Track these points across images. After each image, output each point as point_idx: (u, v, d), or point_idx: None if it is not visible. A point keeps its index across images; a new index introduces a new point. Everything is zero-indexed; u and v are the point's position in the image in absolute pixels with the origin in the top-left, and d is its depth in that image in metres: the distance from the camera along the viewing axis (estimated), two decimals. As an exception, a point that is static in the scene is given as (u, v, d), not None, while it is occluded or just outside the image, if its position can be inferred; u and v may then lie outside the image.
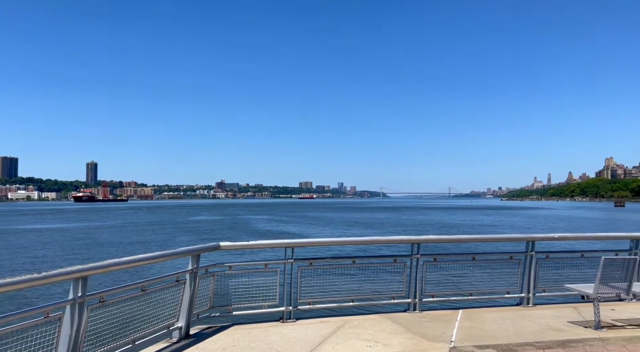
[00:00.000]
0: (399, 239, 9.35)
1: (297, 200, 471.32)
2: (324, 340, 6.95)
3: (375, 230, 58.69)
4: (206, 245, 7.55)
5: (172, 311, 6.79)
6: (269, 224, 69.79)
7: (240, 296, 7.84)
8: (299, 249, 8.28)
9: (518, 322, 7.89)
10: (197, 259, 7.13)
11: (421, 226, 64.51)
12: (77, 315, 5.07)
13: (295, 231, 55.72)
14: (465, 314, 8.47)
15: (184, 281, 6.94)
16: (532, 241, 9.17)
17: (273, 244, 8.64)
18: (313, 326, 7.71)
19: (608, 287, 7.46)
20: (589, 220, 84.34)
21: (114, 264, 5.69)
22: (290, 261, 8.02)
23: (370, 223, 72.26)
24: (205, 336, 7.14)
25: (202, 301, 7.53)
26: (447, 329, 7.47)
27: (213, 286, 7.66)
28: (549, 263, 9.30)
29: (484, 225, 67.28)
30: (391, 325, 7.74)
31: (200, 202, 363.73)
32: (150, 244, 41.02)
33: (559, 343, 6.67)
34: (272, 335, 7.20)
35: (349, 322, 7.89)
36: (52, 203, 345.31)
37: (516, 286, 9.18)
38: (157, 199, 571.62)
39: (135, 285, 6.12)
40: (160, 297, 6.56)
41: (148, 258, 6.30)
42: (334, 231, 58.01)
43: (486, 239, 10.15)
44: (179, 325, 6.92)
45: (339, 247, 22.30)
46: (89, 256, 31.87)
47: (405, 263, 8.63)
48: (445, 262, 8.95)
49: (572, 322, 7.92)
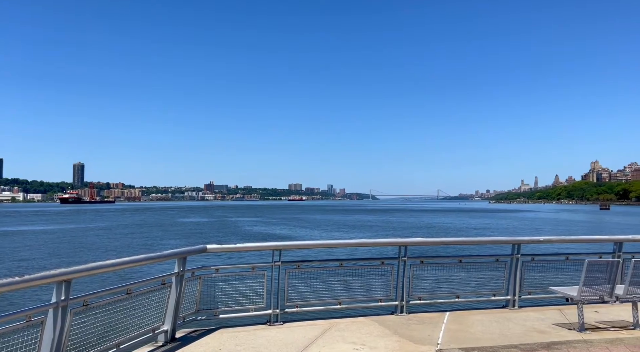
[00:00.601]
0: (387, 242, 9.39)
1: (286, 202, 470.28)
2: (310, 343, 6.94)
3: (363, 232, 58.80)
4: (193, 248, 7.50)
5: (157, 314, 6.74)
6: (257, 227, 69.57)
7: (227, 299, 7.80)
8: (286, 251, 8.27)
9: (504, 325, 7.95)
10: (183, 262, 7.08)
11: (409, 229, 64.77)
12: (60, 319, 5.00)
13: (283, 234, 55.60)
14: (452, 316, 8.51)
15: (169, 284, 6.89)
16: (517, 244, 9.26)
17: (260, 246, 8.61)
18: (300, 329, 7.69)
19: (592, 289, 7.55)
20: (575, 223, 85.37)
21: (98, 267, 5.62)
22: (278, 264, 8.00)
23: (359, 225, 72.38)
24: (191, 339, 7.09)
25: (189, 304, 7.48)
26: (434, 332, 7.51)
27: (200, 289, 7.61)
28: (534, 266, 9.39)
29: (472, 228, 67.75)
30: (378, 327, 7.75)
31: (188, 204, 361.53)
32: (137, 246, 40.64)
33: (543, 345, 6.73)
34: (259, 338, 7.17)
35: (336, 325, 7.89)
36: (37, 205, 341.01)
37: (502, 289, 9.25)
38: (144, 200, 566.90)
39: (120, 288, 6.06)
40: (145, 300, 6.50)
41: (133, 261, 6.25)
42: (323, 233, 57.98)
43: (472, 242, 10.23)
44: (164, 328, 6.87)
45: (326, 250, 22.37)
46: (75, 259, 31.50)
47: (393, 266, 8.66)
48: (432, 264, 9.00)
49: (556, 324, 8.00)
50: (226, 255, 19.12)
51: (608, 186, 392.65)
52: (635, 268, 7.56)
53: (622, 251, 9.72)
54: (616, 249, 9.79)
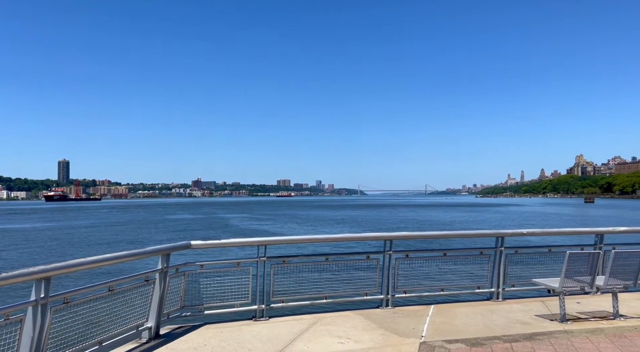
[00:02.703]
0: (372, 236, 9.42)
1: (275, 198, 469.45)
2: (296, 337, 6.94)
3: (350, 227, 58.94)
4: (176, 244, 7.45)
5: (141, 311, 6.69)
6: (245, 223, 69.36)
7: (212, 295, 7.77)
8: (272, 247, 8.25)
9: (487, 317, 8.03)
10: (167, 259, 7.03)
11: (396, 223, 65.05)
12: (39, 316, 4.93)
13: (271, 229, 55.49)
14: (437, 309, 8.58)
15: (153, 281, 6.84)
16: (501, 237, 9.35)
17: (245, 242, 8.57)
18: (285, 323, 7.70)
19: (573, 281, 7.65)
20: (560, 216, 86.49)
21: (79, 264, 5.56)
22: (263, 259, 7.98)
23: (347, 221, 72.53)
24: (175, 335, 7.06)
25: (173, 300, 7.44)
26: (418, 325, 7.56)
27: (184, 286, 7.57)
28: (517, 258, 9.50)
29: (458, 222, 68.28)
30: (363, 321, 7.79)
31: (176, 200, 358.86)
32: (123, 243, 40.26)
33: (526, 336, 6.82)
34: (244, 333, 7.16)
35: (321, 319, 7.91)
36: (22, 203, 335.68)
37: (486, 281, 9.35)
38: (131, 198, 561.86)
39: (102, 285, 6.00)
40: (128, 297, 6.45)
41: (115, 258, 6.18)
42: (309, 228, 58.01)
43: (457, 235, 10.32)
44: (148, 325, 6.82)
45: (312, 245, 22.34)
46: (59, 257, 31.12)
47: (378, 260, 8.70)
48: (417, 258, 9.05)
49: (539, 315, 8.11)
50: (211, 251, 19.05)
51: (592, 179, 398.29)
52: (615, 259, 7.68)
53: (603, 243, 9.86)
54: (597, 241, 9.93)
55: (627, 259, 7.75)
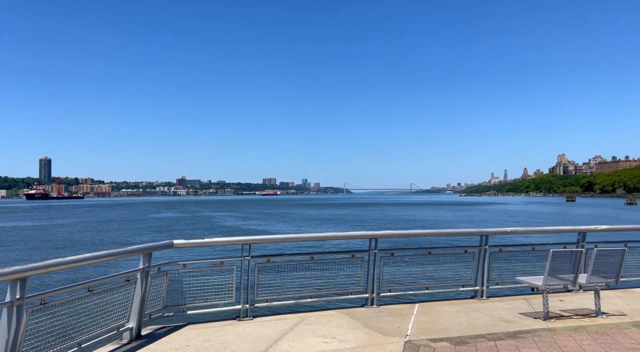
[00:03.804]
0: (357, 235, 9.37)
1: (261, 197, 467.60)
2: (280, 337, 6.87)
3: (336, 226, 58.97)
4: (158, 243, 7.32)
5: (122, 311, 6.56)
6: (230, 221, 68.96)
7: (195, 295, 7.66)
8: (256, 245, 8.17)
9: (471, 315, 8.06)
10: (148, 258, 6.91)
11: (382, 222, 65.29)
12: (15, 318, 4.79)
13: (256, 228, 55.24)
14: (422, 307, 8.58)
15: (134, 281, 6.71)
16: (485, 235, 9.38)
17: (229, 241, 8.47)
18: (270, 323, 7.62)
19: (556, 279, 7.71)
20: (542, 214, 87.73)
21: (57, 264, 5.41)
22: (247, 258, 7.89)
23: (333, 219, 72.56)
24: (157, 336, 6.93)
25: (155, 300, 7.31)
26: (403, 323, 7.55)
27: (166, 285, 7.45)
28: (501, 256, 9.54)
29: (443, 220, 68.80)
30: (348, 320, 7.75)
31: (160, 199, 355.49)
32: (105, 243, 39.69)
33: (510, 334, 6.84)
34: (228, 333, 7.07)
35: (306, 318, 7.85)
36: (2, 201, 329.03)
37: (471, 280, 9.38)
38: (115, 196, 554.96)
39: (82, 285, 5.86)
40: (109, 297, 6.32)
41: (94, 257, 6.04)
42: (295, 227, 57.91)
43: (442, 234, 10.33)
44: (129, 326, 6.69)
45: (297, 244, 22.27)
46: (39, 257, 30.54)
47: (363, 258, 8.66)
48: (402, 256, 9.04)
49: (522, 313, 8.16)
50: (194, 250, 18.87)
51: (574, 178, 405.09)
52: (597, 258, 7.76)
53: (585, 241, 9.97)
54: (580, 239, 10.03)
55: (609, 258, 7.83)
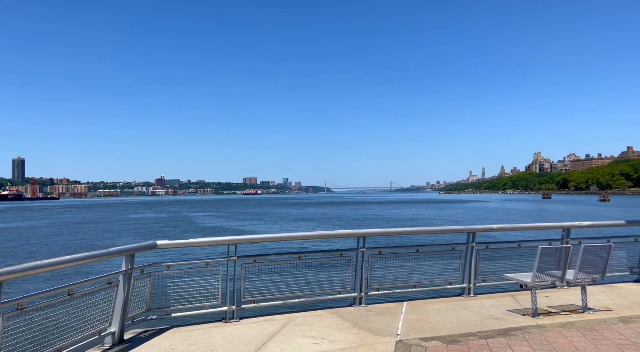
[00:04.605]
0: (345, 233, 9.26)
1: (241, 196, 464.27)
2: (268, 339, 6.71)
3: (321, 225, 58.88)
4: (141, 244, 7.08)
5: (103, 315, 6.31)
6: (212, 221, 68.24)
7: (180, 297, 7.44)
8: (242, 245, 7.97)
9: (460, 313, 8.02)
10: (131, 259, 6.67)
11: (366, 220, 65.46)
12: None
13: (239, 228, 54.76)
14: (410, 306, 8.52)
15: (116, 283, 6.47)
16: (472, 232, 9.38)
17: (214, 241, 8.28)
18: (257, 324, 7.45)
19: (544, 275, 7.72)
20: (521, 211, 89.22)
21: (34, 267, 5.13)
22: (233, 259, 7.70)
23: (316, 218, 72.48)
24: (141, 340, 6.70)
25: (138, 303, 7.08)
26: (393, 322, 7.46)
27: (150, 288, 7.22)
28: (488, 253, 9.55)
29: (426, 218, 69.34)
30: (337, 320, 7.63)
31: (138, 199, 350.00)
32: (85, 245, 38.76)
33: (500, 332, 6.81)
34: (214, 336, 6.88)
35: (294, 319, 7.71)
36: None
37: (458, 277, 9.36)
38: (91, 196, 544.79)
39: (61, 289, 5.61)
40: (90, 301, 6.08)
41: (74, 260, 5.78)
42: (280, 226, 57.62)
43: (429, 231, 10.29)
44: (112, 330, 6.45)
45: (284, 243, 22.07)
46: (13, 260, 29.65)
47: (351, 257, 8.56)
48: (390, 255, 8.96)
49: (511, 310, 8.16)
50: (179, 251, 18.52)
51: (549, 176, 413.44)
52: (585, 253, 7.80)
53: (569, 237, 10.05)
54: (564, 235, 10.11)
55: (596, 253, 7.88)
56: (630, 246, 10.60)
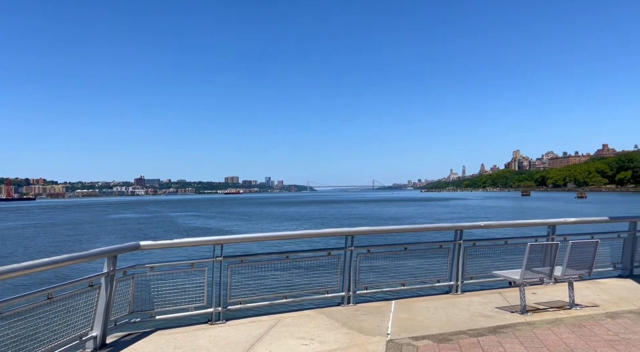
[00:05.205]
0: (333, 232, 9.14)
1: (223, 195, 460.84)
2: (256, 341, 6.56)
3: (306, 224, 58.74)
4: (124, 245, 6.86)
5: (85, 319, 6.09)
6: (194, 221, 67.54)
7: (165, 299, 7.23)
8: (228, 246, 7.79)
9: (449, 311, 7.98)
10: (113, 261, 6.45)
11: (350, 219, 65.54)
12: (-37, 332, 4.29)
13: (223, 228, 54.27)
14: (399, 304, 8.45)
15: (98, 286, 6.25)
16: (460, 230, 9.36)
17: (200, 241, 8.09)
18: (244, 326, 7.29)
19: (532, 272, 7.72)
20: (502, 208, 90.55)
21: (11, 270, 4.90)
22: (219, 259, 7.52)
23: (300, 217, 72.34)
24: (124, 344, 6.49)
25: (121, 306, 6.85)
26: (383, 322, 7.37)
27: (133, 290, 7.00)
28: (475, 251, 9.54)
29: (411, 216, 69.77)
30: (326, 320, 7.51)
31: (118, 199, 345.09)
32: (64, 247, 37.89)
33: (490, 330, 6.78)
34: (200, 339, 6.70)
35: (282, 320, 7.56)
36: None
37: (446, 275, 9.33)
38: (69, 197, 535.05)
39: (40, 293, 5.37)
40: (70, 304, 5.84)
41: (53, 262, 5.55)
42: (265, 226, 57.30)
43: (417, 229, 10.25)
44: (93, 334, 6.23)
45: (271, 243, 21.85)
46: (-10, 261, 28.81)
47: (340, 256, 8.45)
48: (378, 253, 8.89)
49: (499, 307, 8.15)
50: (162, 252, 18.12)
51: (528, 173, 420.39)
52: (572, 250, 7.83)
53: (555, 234, 10.12)
54: (550, 232, 10.18)
55: (583, 250, 7.92)
56: (613, 242, 10.74)
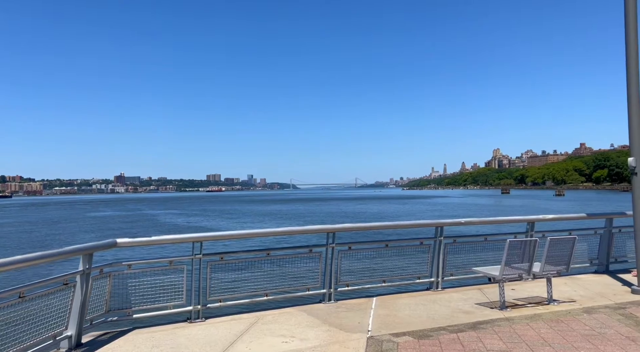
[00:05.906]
0: (315, 229, 9.10)
1: (205, 193, 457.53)
2: (236, 339, 6.48)
3: (288, 221, 58.59)
4: (100, 242, 6.71)
5: (59, 318, 5.94)
6: (174, 219, 66.80)
7: (142, 297, 7.11)
8: (208, 243, 7.68)
9: (430, 307, 8.01)
10: (89, 259, 6.30)
11: (332, 216, 65.60)
12: None
13: (204, 225, 53.80)
14: (380, 301, 8.46)
15: (73, 284, 6.10)
16: (440, 227, 9.40)
17: (178, 239, 7.96)
18: (224, 324, 7.20)
19: (511, 268, 7.80)
20: (482, 206, 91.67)
21: (-20, 269, 4.74)
22: (199, 257, 7.42)
23: (283, 215, 72.13)
24: (100, 343, 6.35)
25: (98, 305, 6.71)
26: (363, 319, 7.36)
27: (109, 288, 6.85)
28: (456, 247, 9.60)
29: (392, 214, 70.12)
30: (307, 318, 7.47)
31: (97, 197, 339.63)
32: (39, 245, 37.08)
33: (470, 326, 6.82)
34: (179, 337, 6.59)
35: (262, 317, 7.50)
36: None
37: (426, 271, 9.37)
38: (47, 194, 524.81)
39: (11, 291, 5.21)
40: (44, 303, 5.69)
41: (26, 260, 5.39)
42: (246, 223, 56.97)
43: (398, 226, 10.27)
44: (68, 334, 6.08)
45: (252, 240, 21.65)
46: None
47: (321, 253, 8.41)
48: (359, 250, 8.87)
49: (479, 303, 8.21)
50: (140, 249, 17.92)
51: (508, 171, 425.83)
52: (550, 246, 7.92)
53: (534, 230, 10.24)
54: (529, 229, 10.30)
55: (561, 246, 8.02)
56: (590, 238, 10.92)
